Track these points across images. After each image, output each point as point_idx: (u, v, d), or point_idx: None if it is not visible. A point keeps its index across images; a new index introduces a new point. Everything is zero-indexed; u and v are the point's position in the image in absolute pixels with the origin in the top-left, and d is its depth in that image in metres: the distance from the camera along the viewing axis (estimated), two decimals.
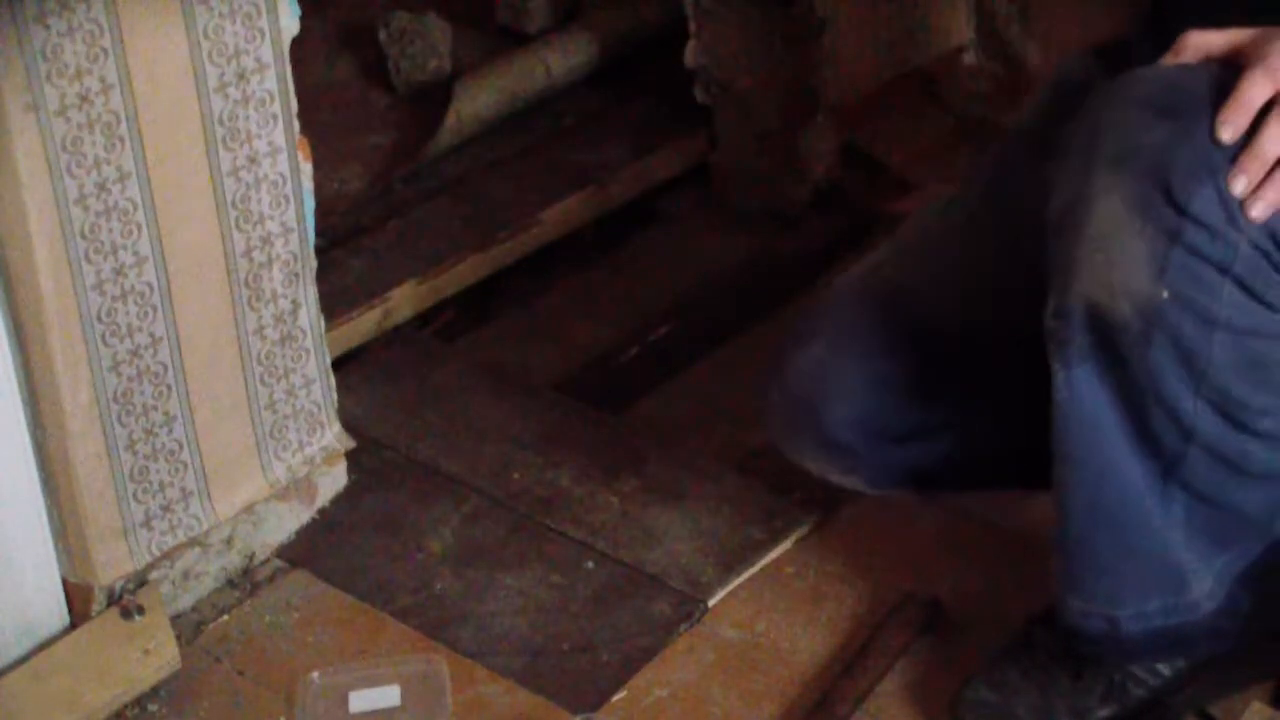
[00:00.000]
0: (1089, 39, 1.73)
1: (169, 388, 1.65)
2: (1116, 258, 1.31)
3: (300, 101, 1.66)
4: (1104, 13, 2.00)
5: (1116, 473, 1.39)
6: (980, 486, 1.70)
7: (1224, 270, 1.30)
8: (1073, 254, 1.33)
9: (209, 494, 1.72)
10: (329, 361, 1.80)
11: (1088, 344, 1.34)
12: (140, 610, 1.65)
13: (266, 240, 1.68)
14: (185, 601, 1.72)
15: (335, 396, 1.82)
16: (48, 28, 1.44)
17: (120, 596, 1.66)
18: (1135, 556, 1.43)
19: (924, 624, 1.67)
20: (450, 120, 2.31)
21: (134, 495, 1.65)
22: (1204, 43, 1.35)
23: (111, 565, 1.65)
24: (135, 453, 1.64)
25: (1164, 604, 1.45)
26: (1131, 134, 1.32)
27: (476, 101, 2.34)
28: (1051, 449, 1.41)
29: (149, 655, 1.62)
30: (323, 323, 1.78)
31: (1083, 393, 1.36)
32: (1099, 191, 1.32)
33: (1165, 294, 1.31)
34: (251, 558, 1.77)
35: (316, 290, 1.75)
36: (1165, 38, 1.41)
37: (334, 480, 1.84)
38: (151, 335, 1.62)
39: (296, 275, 1.72)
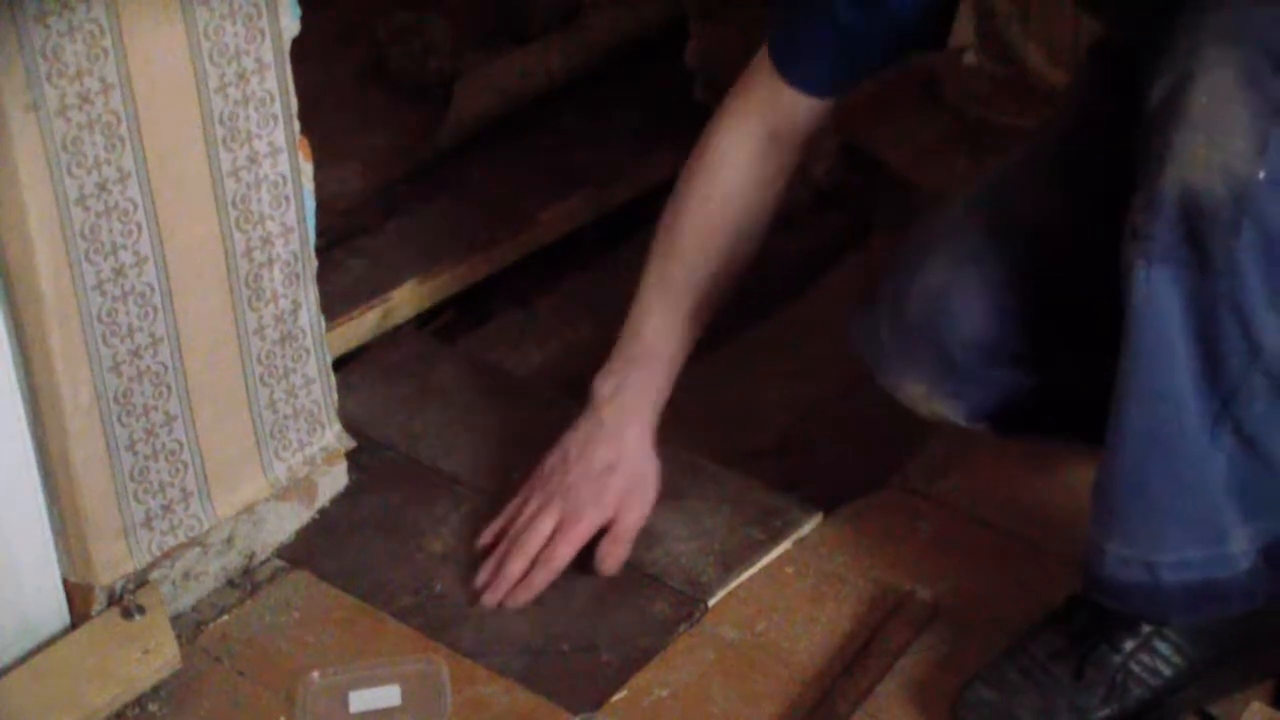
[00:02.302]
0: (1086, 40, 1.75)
1: (169, 388, 1.65)
2: (1218, 135, 1.31)
3: (300, 101, 1.66)
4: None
5: (1177, 397, 1.39)
6: (1071, 432, 1.69)
7: None
8: (1171, 138, 1.33)
9: (209, 494, 1.72)
10: (329, 361, 1.80)
11: (1174, 239, 1.33)
12: (140, 610, 1.65)
13: (266, 240, 1.68)
14: (185, 601, 1.72)
15: (335, 396, 1.82)
16: (48, 28, 1.44)
17: (120, 596, 1.66)
18: (1186, 495, 1.43)
19: (924, 624, 1.67)
20: (450, 120, 2.31)
21: (134, 495, 1.65)
22: None
23: (111, 565, 1.65)
24: (135, 453, 1.64)
25: (1205, 554, 1.45)
26: (1241, 11, 1.33)
27: (476, 101, 2.34)
28: (1117, 364, 1.40)
29: (149, 655, 1.62)
30: (323, 323, 1.78)
31: (1159, 296, 1.35)
32: (1206, 66, 1.32)
33: (1262, 174, 1.30)
34: (251, 558, 1.77)
35: (316, 290, 1.76)
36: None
37: (334, 480, 1.84)
38: (152, 335, 1.62)
39: (296, 275, 1.72)
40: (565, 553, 1.71)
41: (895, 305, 1.66)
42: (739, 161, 1.75)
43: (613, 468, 1.73)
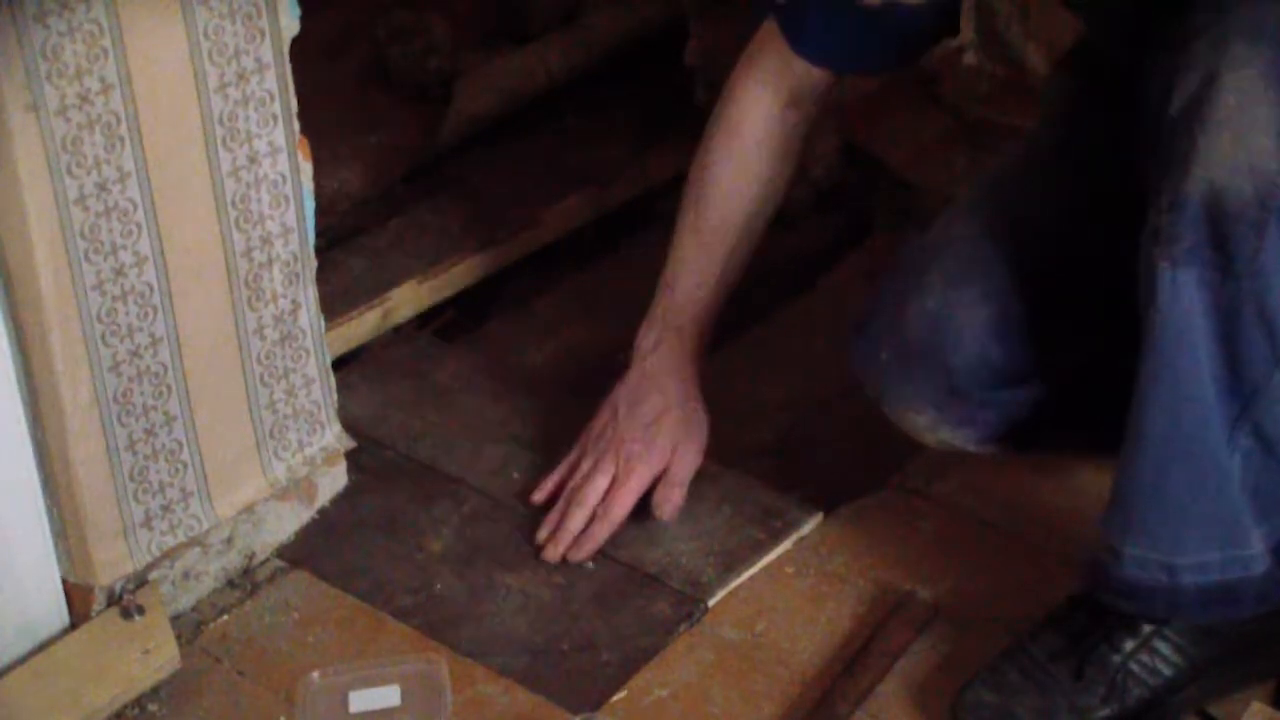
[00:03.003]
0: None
1: (169, 388, 1.65)
2: (1244, 132, 1.31)
3: (300, 101, 1.66)
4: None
5: (1198, 399, 1.39)
6: (1082, 443, 1.71)
7: None
8: (1196, 138, 1.33)
9: (209, 494, 1.72)
10: (329, 361, 1.80)
11: (1199, 241, 1.33)
12: (140, 610, 1.65)
13: (266, 240, 1.68)
14: (185, 601, 1.72)
15: (335, 396, 1.82)
16: (48, 28, 1.44)
17: (120, 596, 1.66)
18: (1207, 497, 1.43)
19: (924, 624, 1.67)
20: (450, 120, 2.31)
21: (134, 495, 1.65)
22: None
23: (111, 565, 1.65)
24: (135, 453, 1.64)
25: (1224, 556, 1.45)
26: (1265, 8, 1.33)
27: (476, 101, 2.34)
28: (1137, 366, 1.40)
29: (149, 655, 1.62)
30: (323, 323, 1.78)
31: (1183, 298, 1.35)
32: (1231, 66, 1.32)
33: None
34: (251, 558, 1.77)
35: (316, 290, 1.76)
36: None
37: (334, 480, 1.84)
38: (151, 335, 1.62)
39: (296, 275, 1.72)
40: (624, 505, 1.75)
41: (894, 330, 1.65)
42: (761, 115, 1.79)
43: (661, 418, 1.77)
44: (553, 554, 1.74)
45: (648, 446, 1.76)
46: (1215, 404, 1.39)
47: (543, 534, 1.76)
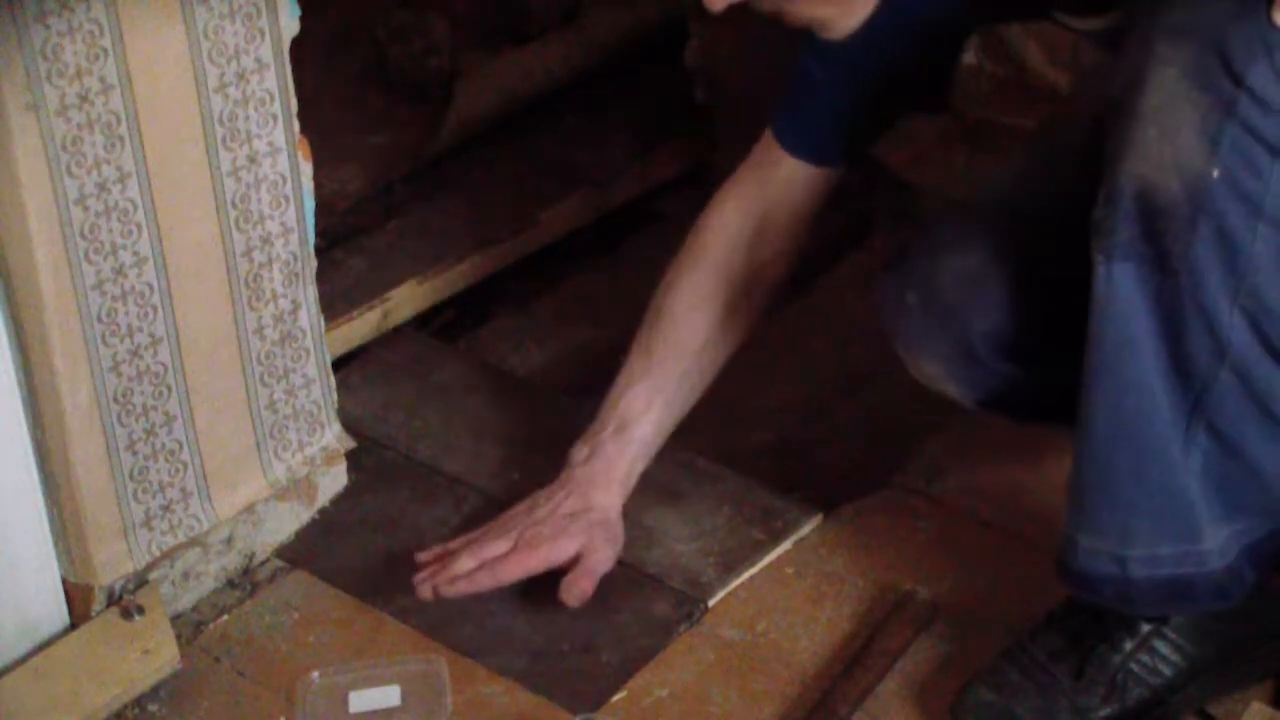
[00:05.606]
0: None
1: (169, 388, 1.65)
2: (1170, 131, 1.31)
3: (300, 101, 1.66)
4: None
5: (1144, 390, 1.39)
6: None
7: (1275, 152, 1.30)
8: (1126, 133, 1.33)
9: (209, 494, 1.72)
10: (329, 361, 1.80)
11: (1133, 236, 1.34)
12: (140, 610, 1.65)
13: (266, 240, 1.68)
14: (185, 601, 1.72)
15: (335, 396, 1.82)
16: (48, 28, 1.45)
17: (120, 596, 1.66)
18: (1153, 491, 1.42)
19: (924, 624, 1.67)
20: (450, 120, 2.31)
21: (134, 495, 1.65)
22: None
23: (111, 565, 1.65)
24: (135, 453, 1.64)
25: (1175, 551, 1.44)
26: (1190, 9, 1.33)
27: (476, 101, 2.34)
28: (1082, 358, 1.40)
29: (149, 655, 1.62)
30: (323, 323, 1.78)
31: (1121, 291, 1.36)
32: (1156, 62, 1.32)
33: (1215, 172, 1.31)
34: (251, 558, 1.77)
35: (316, 290, 1.76)
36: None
37: (334, 480, 1.84)
38: (151, 335, 1.62)
39: (296, 275, 1.72)
40: (514, 571, 1.68)
41: (928, 277, 1.62)
42: (725, 242, 1.76)
43: (578, 514, 1.71)
44: (423, 587, 1.67)
45: (555, 533, 1.69)
46: (1165, 397, 1.39)
47: (421, 575, 1.68)
